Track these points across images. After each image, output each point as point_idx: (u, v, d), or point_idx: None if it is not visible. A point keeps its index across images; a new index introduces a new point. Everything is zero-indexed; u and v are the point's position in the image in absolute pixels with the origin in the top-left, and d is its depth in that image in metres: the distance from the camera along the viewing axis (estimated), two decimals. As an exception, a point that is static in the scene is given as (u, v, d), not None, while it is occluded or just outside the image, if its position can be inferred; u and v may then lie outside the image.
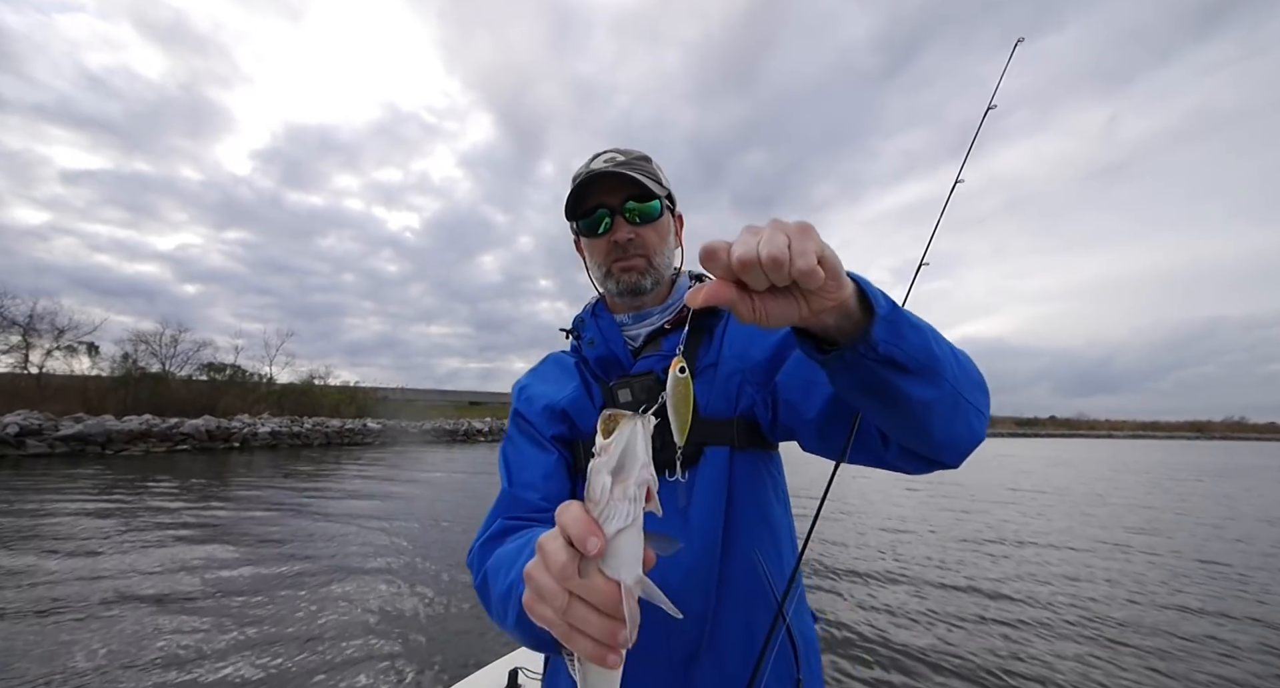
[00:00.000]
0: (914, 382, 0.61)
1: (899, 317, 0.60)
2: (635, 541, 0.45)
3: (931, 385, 0.63)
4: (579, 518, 0.44)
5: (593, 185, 0.94)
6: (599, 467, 0.45)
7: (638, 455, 0.45)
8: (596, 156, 1.00)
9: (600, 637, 0.45)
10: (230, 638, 4.11)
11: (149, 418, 22.05)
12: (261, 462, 18.29)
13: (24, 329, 25.18)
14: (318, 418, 30.30)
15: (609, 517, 0.44)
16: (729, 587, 0.84)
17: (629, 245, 0.95)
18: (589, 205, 0.96)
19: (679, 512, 0.86)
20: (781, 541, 0.92)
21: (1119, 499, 12.87)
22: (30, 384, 24.01)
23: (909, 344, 0.60)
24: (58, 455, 17.68)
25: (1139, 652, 4.20)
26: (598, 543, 0.43)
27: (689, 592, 0.81)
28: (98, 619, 4.39)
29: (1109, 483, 16.83)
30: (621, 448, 0.45)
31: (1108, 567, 6.59)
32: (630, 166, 0.95)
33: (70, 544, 6.61)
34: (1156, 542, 8.15)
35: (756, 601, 0.85)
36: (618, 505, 0.44)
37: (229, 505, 9.61)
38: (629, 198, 0.94)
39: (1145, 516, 10.57)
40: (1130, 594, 5.57)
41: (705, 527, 0.84)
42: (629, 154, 0.99)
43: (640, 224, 0.95)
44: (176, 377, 28.87)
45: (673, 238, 1.03)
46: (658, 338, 0.98)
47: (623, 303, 1.00)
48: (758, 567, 0.86)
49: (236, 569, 5.80)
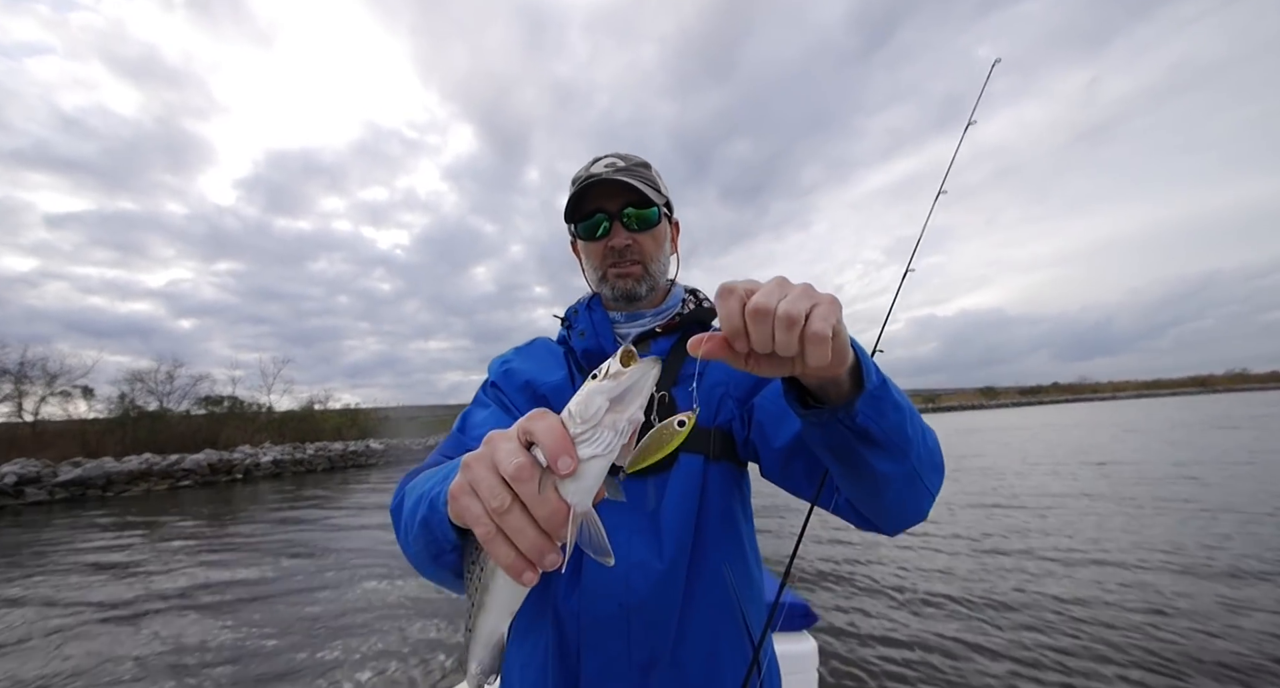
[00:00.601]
0: (880, 455, 0.64)
1: (884, 394, 0.61)
2: (601, 472, 0.44)
3: (895, 462, 0.65)
4: (556, 432, 0.43)
5: (592, 190, 0.95)
6: (600, 389, 0.44)
7: (643, 394, 0.44)
8: (597, 160, 1.00)
9: (529, 551, 0.43)
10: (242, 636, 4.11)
11: (149, 457, 21.87)
12: (265, 491, 18.18)
13: (15, 377, 24.98)
14: (320, 443, 30.19)
15: (589, 440, 0.43)
16: (696, 597, 0.82)
17: (626, 251, 0.96)
18: (587, 209, 0.96)
19: (648, 514, 0.85)
20: (749, 559, 0.91)
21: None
22: (26, 432, 23.82)
23: (886, 422, 0.62)
24: (58, 502, 17.48)
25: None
26: (570, 463, 0.42)
27: (654, 597, 0.80)
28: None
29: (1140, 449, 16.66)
30: (634, 381, 0.44)
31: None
32: (630, 173, 0.96)
33: (69, 592, 6.48)
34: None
35: (723, 613, 0.83)
36: (603, 433, 0.43)
37: (237, 537, 9.51)
38: (627, 204, 0.95)
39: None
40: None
41: (675, 533, 0.83)
42: (629, 160, 1.00)
43: (638, 230, 0.96)
44: (174, 413, 28.69)
45: (669, 245, 1.04)
46: (647, 340, 0.98)
47: (615, 305, 1.02)
48: (726, 580, 0.85)
49: (249, 589, 5.74)
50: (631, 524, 0.84)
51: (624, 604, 0.79)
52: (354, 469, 26.93)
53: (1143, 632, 3.92)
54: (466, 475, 0.45)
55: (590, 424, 0.43)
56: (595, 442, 0.43)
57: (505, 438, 0.45)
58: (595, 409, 0.43)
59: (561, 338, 1.06)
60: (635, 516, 0.85)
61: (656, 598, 0.80)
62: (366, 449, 30.52)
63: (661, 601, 0.80)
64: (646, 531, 0.83)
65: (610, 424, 0.43)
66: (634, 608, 0.79)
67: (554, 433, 0.42)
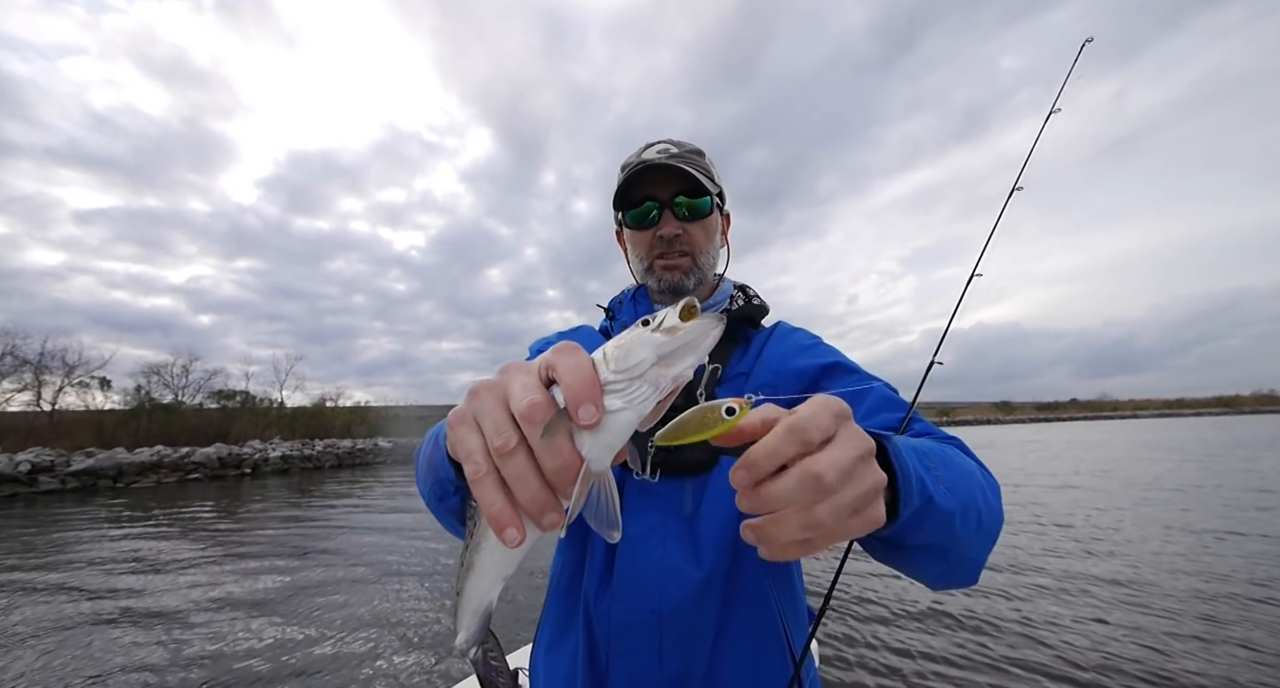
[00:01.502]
0: (912, 558, 0.59)
1: (928, 511, 0.52)
2: (627, 429, 0.38)
3: (938, 560, 0.59)
4: (585, 374, 0.37)
5: (643, 176, 0.92)
6: (648, 340, 0.38)
7: (698, 353, 0.39)
8: (650, 146, 0.97)
9: (527, 505, 0.37)
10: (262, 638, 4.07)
11: (160, 449, 22.16)
12: (272, 486, 18.29)
13: (35, 367, 25.52)
14: (329, 440, 30.39)
15: (621, 391, 0.37)
16: (735, 610, 0.77)
17: (675, 241, 0.92)
18: (637, 196, 0.93)
19: (684, 518, 0.80)
20: (793, 573, 0.85)
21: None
22: (44, 421, 24.28)
23: (924, 532, 0.54)
24: (69, 491, 17.74)
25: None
26: (594, 413, 0.36)
27: (689, 606, 0.75)
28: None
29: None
30: (691, 338, 0.38)
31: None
32: (683, 160, 0.91)
33: (66, 576, 6.46)
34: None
35: (764, 629, 0.77)
36: (641, 387, 0.37)
37: (238, 530, 9.49)
38: (679, 192, 0.91)
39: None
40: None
41: (714, 540, 0.78)
42: (682, 146, 0.96)
43: (688, 220, 0.92)
44: (187, 406, 29.10)
45: (719, 237, 1.00)
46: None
47: (661, 299, 0.98)
48: (769, 596, 0.78)
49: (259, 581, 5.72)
50: (666, 527, 0.79)
51: (657, 611, 0.75)
52: (362, 467, 27.00)
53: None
54: (471, 405, 0.40)
55: (628, 376, 0.37)
56: (628, 394, 0.37)
57: (523, 370, 0.39)
58: (637, 361, 0.37)
59: (604, 328, 1.03)
60: (670, 518, 0.80)
61: (693, 608, 0.75)
62: (374, 447, 30.63)
63: (698, 611, 0.75)
64: (683, 535, 0.79)
65: (652, 379, 0.37)
66: (667, 616, 0.75)
67: (582, 374, 0.36)
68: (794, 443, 0.38)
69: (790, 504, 0.39)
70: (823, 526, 0.39)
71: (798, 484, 0.38)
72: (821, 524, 0.39)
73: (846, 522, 0.40)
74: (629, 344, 0.38)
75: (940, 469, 0.55)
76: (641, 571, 0.77)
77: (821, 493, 0.38)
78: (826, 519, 0.39)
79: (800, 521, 0.39)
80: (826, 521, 0.39)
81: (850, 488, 0.40)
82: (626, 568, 0.78)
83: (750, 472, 0.39)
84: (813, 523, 0.39)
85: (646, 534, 0.80)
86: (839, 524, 0.39)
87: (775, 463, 0.39)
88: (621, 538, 0.38)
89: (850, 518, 0.40)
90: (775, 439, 0.38)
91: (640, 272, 0.98)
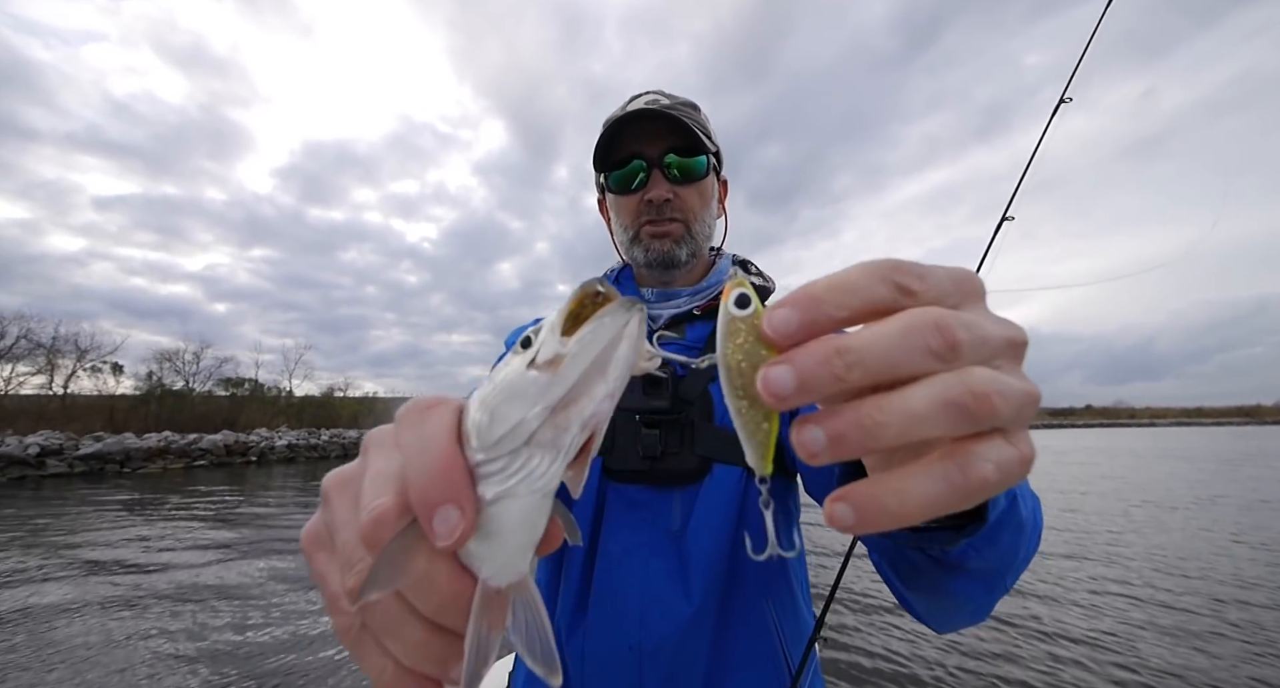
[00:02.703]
0: (967, 582, 0.47)
1: (1010, 516, 0.42)
2: (532, 518, 0.25)
3: (984, 590, 0.49)
4: (435, 460, 0.24)
5: (629, 129, 0.80)
6: (521, 390, 0.24)
7: (609, 376, 0.24)
8: (635, 98, 0.86)
9: (413, 663, 0.26)
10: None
11: (168, 434, 22.31)
12: (278, 474, 18.32)
13: (48, 351, 25.84)
14: (335, 429, 30.51)
15: (500, 473, 0.24)
16: (732, 644, 0.69)
17: (665, 207, 0.81)
18: (622, 154, 0.81)
19: (670, 534, 0.72)
20: (798, 595, 0.76)
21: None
22: (56, 405, 24.56)
23: (994, 552, 0.43)
24: (77, 474, 17.87)
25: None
26: (456, 522, 0.23)
27: (676, 640, 0.67)
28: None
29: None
30: (589, 356, 0.24)
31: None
32: (676, 111, 0.79)
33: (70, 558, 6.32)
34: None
35: (765, 666, 0.69)
36: (529, 459, 0.24)
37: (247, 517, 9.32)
38: (671, 149, 0.80)
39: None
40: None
41: (705, 561, 0.69)
42: (674, 98, 0.85)
43: (681, 182, 0.81)
44: (197, 393, 29.38)
45: (716, 205, 0.89)
46: (681, 324, 0.83)
47: (649, 275, 0.87)
48: (769, 622, 0.70)
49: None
50: (651, 545, 0.71)
51: (636, 647, 0.67)
52: (367, 457, 27.01)
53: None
54: (324, 515, 0.28)
55: (503, 450, 0.24)
56: (512, 475, 0.24)
57: (383, 449, 0.27)
58: (510, 426, 0.24)
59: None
60: (654, 534, 0.72)
61: (679, 642, 0.67)
62: (380, 438, 30.68)
63: (685, 645, 0.67)
64: (669, 555, 0.70)
65: (547, 442, 0.24)
66: (648, 653, 0.67)
67: (430, 463, 0.24)
68: (883, 284, 0.23)
69: (900, 364, 0.22)
70: (986, 405, 0.21)
71: (904, 333, 0.22)
72: (985, 403, 0.21)
73: (1019, 408, 0.22)
74: (496, 402, 0.24)
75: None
76: (620, 598, 0.69)
77: (956, 353, 0.22)
78: (992, 395, 0.21)
79: (944, 393, 0.21)
80: (993, 399, 0.21)
81: (1009, 367, 0.24)
82: (605, 594, 0.70)
83: (804, 306, 0.22)
84: (971, 397, 0.21)
85: (628, 554, 0.71)
86: (1009, 406, 0.22)
87: (855, 306, 0.23)
88: (600, 558, 0.27)
89: (1023, 406, 0.22)
90: (855, 273, 0.23)
91: (625, 243, 0.85)
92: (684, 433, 0.74)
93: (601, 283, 0.26)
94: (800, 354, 0.22)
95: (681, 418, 0.74)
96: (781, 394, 0.22)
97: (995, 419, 0.21)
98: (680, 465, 0.72)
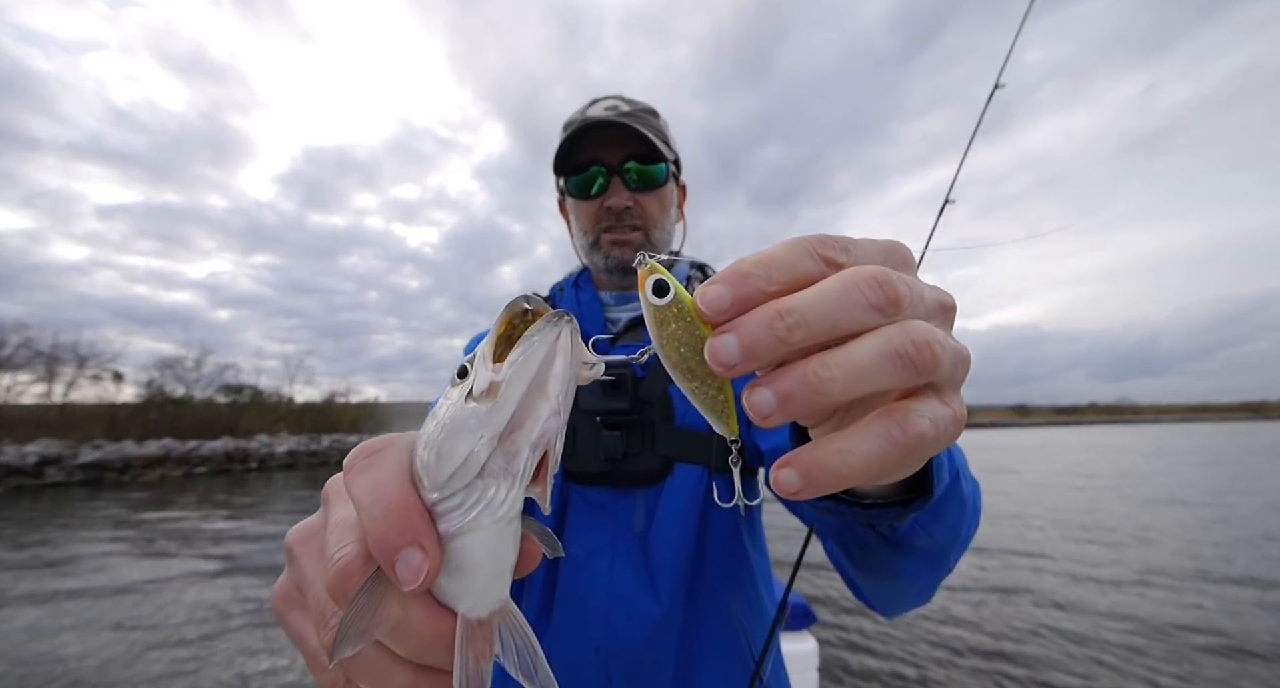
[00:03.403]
0: (914, 560, 0.51)
1: (954, 491, 0.45)
2: (500, 546, 0.26)
3: (931, 566, 0.52)
4: (389, 506, 0.24)
5: (589, 136, 0.81)
6: (463, 423, 0.24)
7: (549, 392, 0.25)
8: (595, 102, 0.87)
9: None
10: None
11: (168, 442, 22.23)
12: (278, 481, 18.21)
13: (47, 359, 25.81)
14: (336, 435, 30.43)
15: (458, 510, 0.25)
16: (699, 641, 0.70)
17: (625, 214, 0.83)
18: (581, 160, 0.83)
19: (634, 536, 0.72)
20: (761, 591, 0.76)
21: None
22: (55, 414, 24.50)
23: (940, 528, 0.47)
24: (75, 483, 17.76)
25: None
26: (419, 564, 0.23)
27: (642, 643, 0.67)
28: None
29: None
30: (526, 376, 0.24)
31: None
32: (635, 119, 0.80)
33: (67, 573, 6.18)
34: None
35: (733, 663, 0.69)
36: (485, 489, 0.25)
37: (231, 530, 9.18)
38: (630, 157, 0.81)
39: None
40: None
41: (670, 562, 0.70)
42: (634, 104, 0.86)
43: (640, 190, 0.83)
44: (197, 399, 29.34)
45: (675, 210, 0.90)
46: (641, 325, 0.82)
47: (609, 280, 0.88)
48: (734, 620, 0.71)
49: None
50: (615, 548, 0.72)
51: (602, 649, 0.67)
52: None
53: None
54: (292, 574, 0.28)
55: (456, 486, 0.24)
56: (470, 509, 0.24)
57: (341, 498, 0.27)
58: (459, 462, 0.24)
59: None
60: (619, 536, 0.72)
61: (646, 645, 0.67)
62: (381, 443, 30.60)
63: (651, 648, 0.67)
64: (633, 556, 0.71)
65: (500, 470, 0.24)
66: (614, 654, 0.67)
67: (384, 509, 0.24)
68: (809, 257, 0.24)
69: (842, 321, 0.22)
70: (928, 354, 0.22)
71: (843, 289, 0.22)
72: (927, 352, 0.22)
73: (954, 365, 0.24)
74: (439, 440, 0.25)
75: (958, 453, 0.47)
76: (585, 600, 0.69)
77: (897, 306, 0.23)
78: (933, 344, 0.22)
79: (887, 345, 0.22)
80: (934, 348, 0.22)
81: (942, 329, 0.25)
82: (569, 596, 0.70)
83: (735, 281, 0.23)
84: (913, 347, 0.22)
85: (591, 556, 0.71)
86: (948, 359, 0.23)
87: (784, 280, 0.23)
88: (563, 561, 0.28)
89: (957, 364, 0.24)
90: (783, 248, 0.24)
91: (585, 248, 0.87)
92: (645, 434, 0.74)
93: (528, 299, 0.26)
94: (743, 321, 0.22)
95: (642, 419, 0.74)
96: (729, 362, 0.22)
97: (936, 371, 0.22)
98: (642, 467, 0.73)
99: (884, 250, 0.26)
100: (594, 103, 0.86)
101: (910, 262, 0.27)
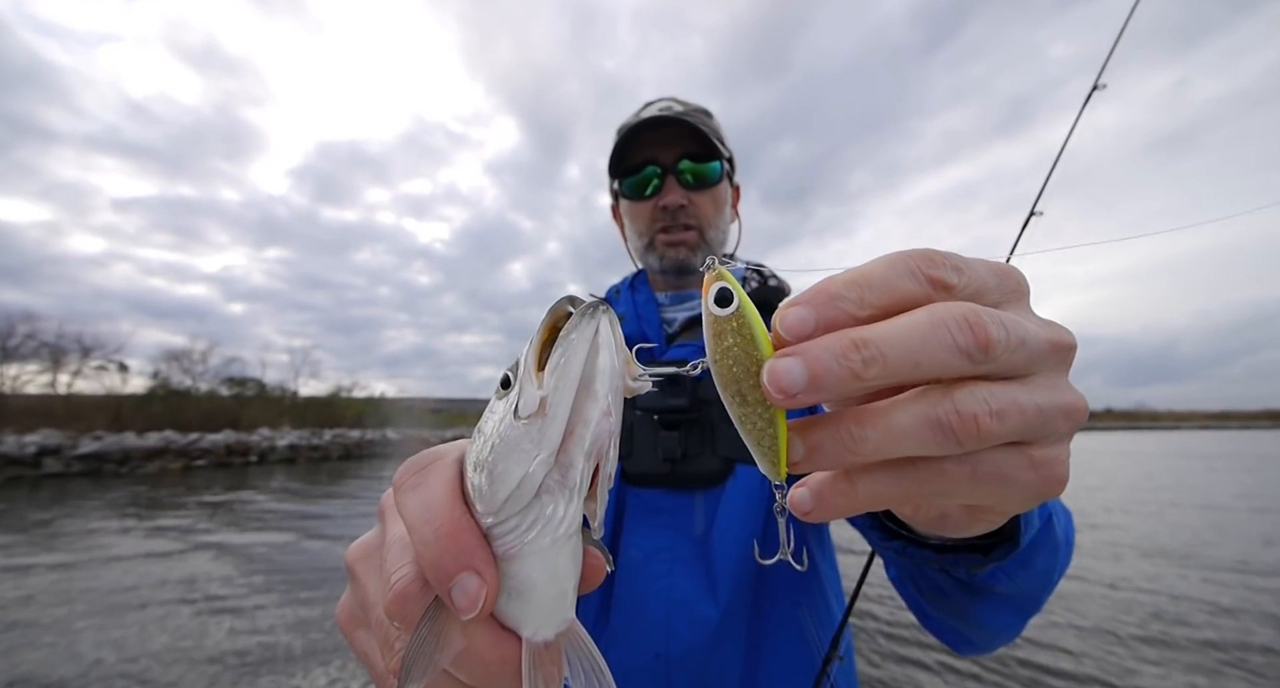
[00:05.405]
0: (992, 607, 0.46)
1: (1046, 536, 0.40)
2: (562, 564, 0.25)
3: (1015, 613, 0.47)
4: (442, 529, 0.23)
5: (643, 135, 0.82)
6: (515, 444, 0.23)
7: (597, 393, 0.23)
8: (649, 104, 0.88)
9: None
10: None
11: (168, 434, 22.13)
12: (278, 475, 18.02)
13: (53, 350, 25.90)
14: (338, 430, 30.28)
15: (513, 532, 0.24)
16: (766, 649, 0.67)
17: (679, 213, 0.83)
18: (637, 161, 0.83)
19: (694, 538, 0.70)
20: (829, 594, 0.74)
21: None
22: (60, 405, 24.54)
23: (1027, 576, 0.41)
24: (74, 475, 17.66)
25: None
26: (476, 590, 0.22)
27: (704, 649, 0.65)
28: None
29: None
30: (569, 379, 0.23)
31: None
32: (690, 117, 0.80)
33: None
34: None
35: (799, 670, 0.66)
36: (543, 508, 0.24)
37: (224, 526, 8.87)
38: (685, 155, 0.82)
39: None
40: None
41: (731, 567, 0.67)
42: (687, 105, 0.87)
43: (695, 188, 0.83)
44: (202, 392, 29.33)
45: (729, 210, 0.90)
46: (697, 326, 0.83)
47: (664, 281, 0.89)
48: (803, 625, 0.68)
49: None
50: (674, 551, 0.70)
51: (662, 656, 0.66)
52: (369, 459, 26.78)
53: None
54: (355, 595, 0.27)
55: (512, 510, 0.23)
56: (526, 531, 0.24)
57: (397, 517, 0.26)
58: (514, 485, 0.23)
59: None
60: (680, 540, 0.70)
61: (708, 651, 0.65)
62: (383, 438, 30.41)
63: (714, 654, 0.65)
64: (693, 560, 0.69)
65: (557, 486, 0.23)
66: (675, 661, 0.65)
67: (436, 533, 0.23)
68: (912, 278, 0.21)
69: (924, 363, 0.19)
70: (971, 427, 0.19)
71: (931, 326, 0.19)
72: (970, 426, 0.19)
73: (1054, 422, 0.21)
74: (492, 462, 0.23)
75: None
76: (644, 605, 0.68)
77: (989, 354, 0.19)
78: (980, 417, 0.19)
79: (929, 412, 0.20)
80: (981, 421, 0.19)
81: (1051, 374, 0.22)
82: (627, 601, 0.69)
83: (821, 304, 0.21)
84: (957, 418, 0.19)
85: (650, 560, 0.69)
86: (1041, 423, 0.20)
87: (880, 304, 0.21)
88: (621, 565, 0.29)
89: (1061, 419, 0.21)
90: (881, 265, 0.21)
91: (639, 250, 0.88)
92: (705, 433, 0.73)
93: (573, 300, 0.24)
94: (812, 346, 0.19)
95: (701, 418, 0.74)
96: (789, 390, 0.19)
97: (982, 440, 0.20)
98: (702, 468, 0.71)
99: (996, 274, 0.22)
100: (648, 105, 0.87)
101: (1023, 290, 0.23)
